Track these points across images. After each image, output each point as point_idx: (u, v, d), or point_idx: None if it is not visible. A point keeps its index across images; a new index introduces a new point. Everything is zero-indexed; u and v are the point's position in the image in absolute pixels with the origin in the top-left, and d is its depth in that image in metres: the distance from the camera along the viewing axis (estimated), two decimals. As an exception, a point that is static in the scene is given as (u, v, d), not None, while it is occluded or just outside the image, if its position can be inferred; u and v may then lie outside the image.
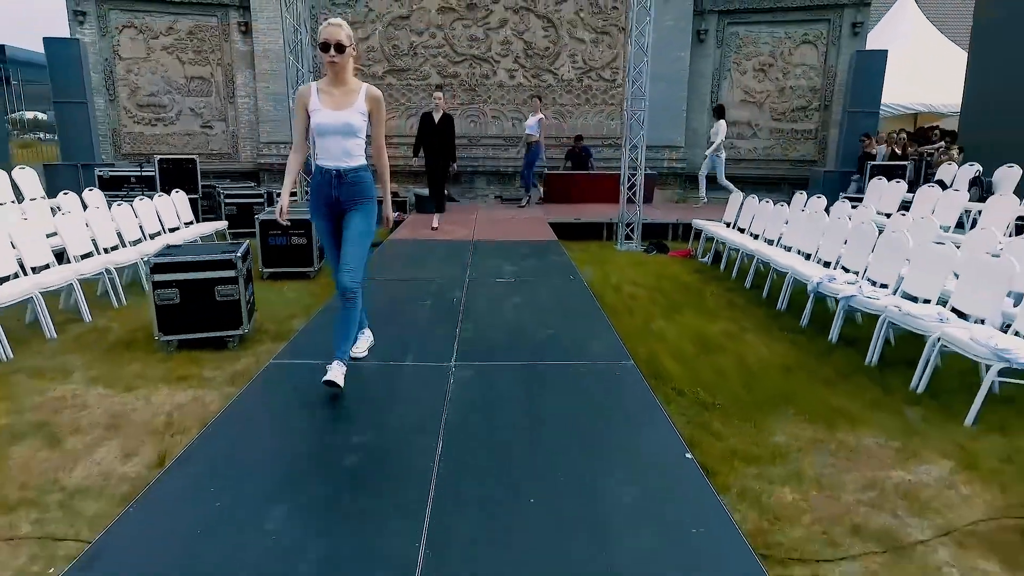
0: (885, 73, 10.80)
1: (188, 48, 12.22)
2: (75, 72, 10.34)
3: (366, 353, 3.55)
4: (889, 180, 8.07)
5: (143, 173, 9.15)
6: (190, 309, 4.37)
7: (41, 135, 25.07)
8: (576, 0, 12.33)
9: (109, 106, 11.96)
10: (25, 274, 4.92)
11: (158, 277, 4.27)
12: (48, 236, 5.47)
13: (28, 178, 7.85)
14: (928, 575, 2.29)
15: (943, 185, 7.80)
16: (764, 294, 6.01)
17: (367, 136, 3.19)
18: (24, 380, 3.96)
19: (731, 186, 10.73)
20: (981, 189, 7.20)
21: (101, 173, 9.52)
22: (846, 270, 5.23)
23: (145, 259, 5.90)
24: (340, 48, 3.01)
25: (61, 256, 5.51)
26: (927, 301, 4.21)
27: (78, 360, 4.30)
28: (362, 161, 3.18)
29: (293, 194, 3.18)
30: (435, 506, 2.15)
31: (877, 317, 4.29)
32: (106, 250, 5.88)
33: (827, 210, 6.65)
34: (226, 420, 2.86)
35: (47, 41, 10.18)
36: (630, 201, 8.61)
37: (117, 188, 9.31)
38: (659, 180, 12.09)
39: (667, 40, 12.14)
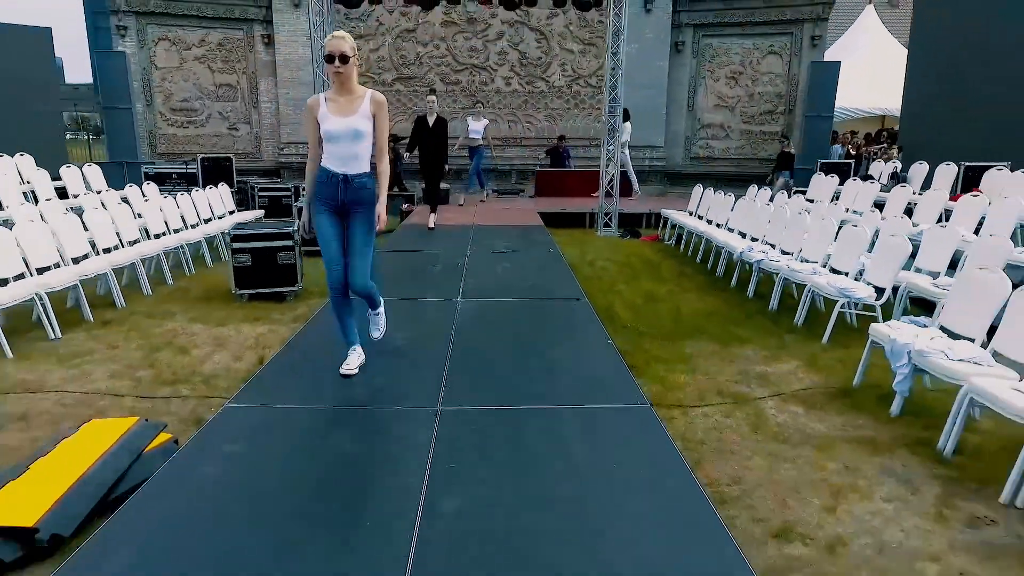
0: (838, 81, 12.21)
1: (217, 58, 13.65)
2: (121, 81, 11.77)
3: (381, 333, 3.73)
4: (832, 175, 9.48)
5: (187, 170, 10.56)
6: (259, 270, 5.78)
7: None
8: (566, 15, 13.73)
9: (146, 110, 13.38)
10: (123, 247, 6.34)
11: (236, 245, 5.69)
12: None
13: (95, 174, 9.27)
14: (756, 412, 3.70)
15: (869, 178, 9.21)
16: (708, 266, 7.43)
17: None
18: (142, 319, 5.37)
19: (634, 181, 12.46)
20: (895, 182, 8.60)
21: (147, 170, 10.95)
22: (772, 245, 6.63)
23: (207, 236, 7.34)
24: (344, 59, 3.17)
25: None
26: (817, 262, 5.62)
27: (175, 307, 5.71)
28: (367, 167, 3.34)
29: None
30: (451, 365, 3.55)
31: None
32: (176, 230, 7.29)
33: (771, 200, 8.08)
34: (303, 334, 4.27)
35: (97, 54, 11.62)
36: (608, 194, 10.02)
37: (161, 183, 10.71)
38: (642, 177, 13.50)
39: (648, 51, 13.60)
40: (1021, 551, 2.48)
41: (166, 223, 7.22)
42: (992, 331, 3.48)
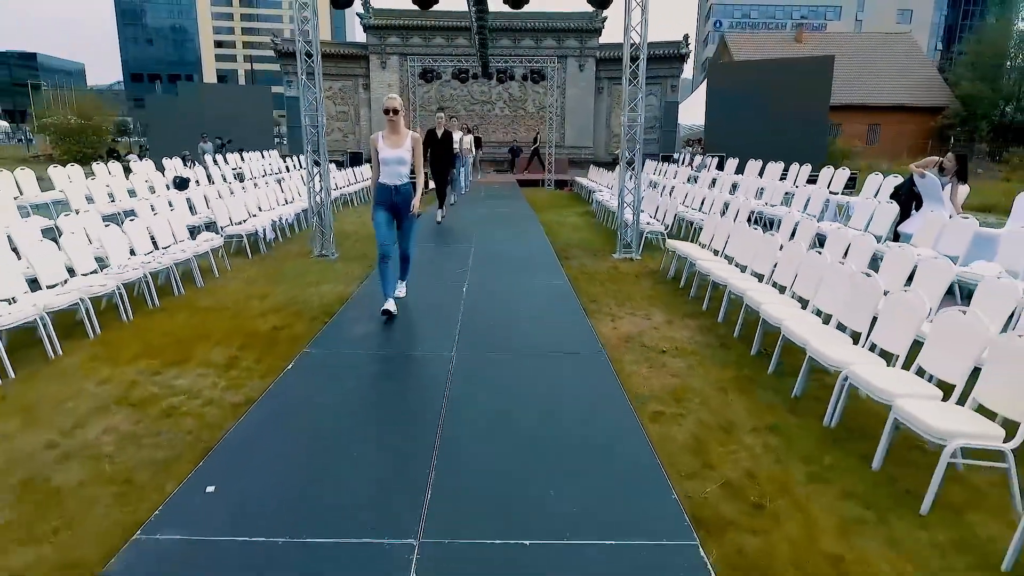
0: (679, 112, 21.60)
1: (337, 97, 23.06)
2: (297, 112, 21.13)
3: (404, 294, 5.59)
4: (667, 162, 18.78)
5: (340, 160, 20.03)
6: (408, 192, 15.25)
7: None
8: (535, 72, 23.14)
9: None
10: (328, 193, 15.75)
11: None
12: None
13: (292, 161, 18.72)
14: (561, 217, 13.12)
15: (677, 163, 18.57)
16: (587, 200, 16.86)
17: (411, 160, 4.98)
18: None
19: (463, 178, 21.35)
20: (682, 164, 17.93)
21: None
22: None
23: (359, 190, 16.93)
24: (395, 112, 4.83)
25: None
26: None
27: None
28: (407, 179, 4.94)
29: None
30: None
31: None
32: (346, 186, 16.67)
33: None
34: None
35: (288, 99, 21.05)
36: (550, 171, 19.46)
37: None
38: (578, 163, 22.88)
39: (583, 93, 23.02)
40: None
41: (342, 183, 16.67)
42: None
